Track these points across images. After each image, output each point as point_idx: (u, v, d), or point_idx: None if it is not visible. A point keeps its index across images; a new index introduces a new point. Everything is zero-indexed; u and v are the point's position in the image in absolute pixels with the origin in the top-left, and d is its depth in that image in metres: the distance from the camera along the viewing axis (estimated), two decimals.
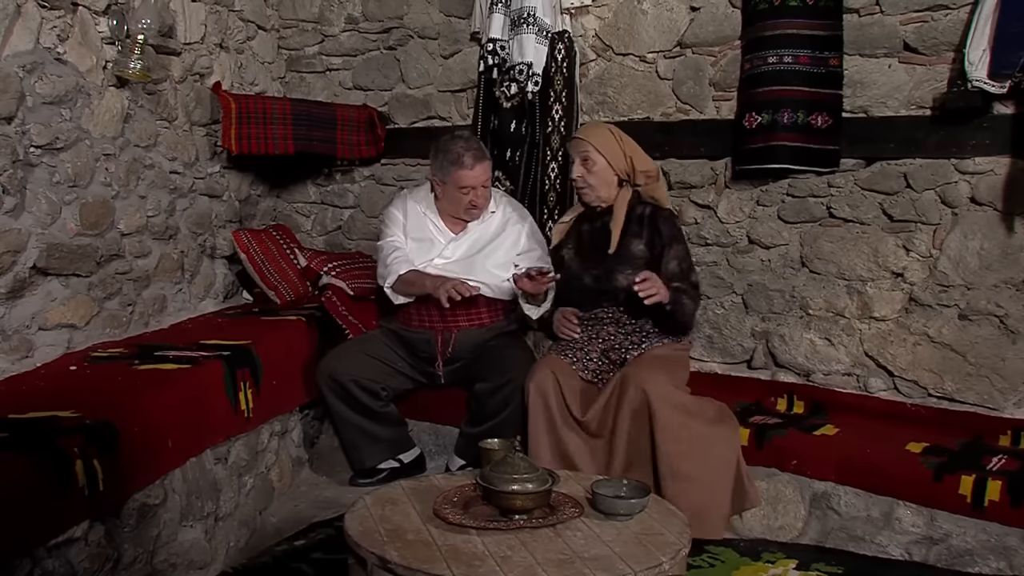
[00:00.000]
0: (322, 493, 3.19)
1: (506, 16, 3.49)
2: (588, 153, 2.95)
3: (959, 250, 2.93)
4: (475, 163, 3.08)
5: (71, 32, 2.79)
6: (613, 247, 2.94)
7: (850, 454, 2.69)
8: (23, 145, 2.62)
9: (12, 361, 2.64)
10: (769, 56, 3.07)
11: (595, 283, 2.97)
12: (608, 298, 2.96)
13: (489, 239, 3.21)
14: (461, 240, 3.20)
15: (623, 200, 2.98)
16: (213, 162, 3.62)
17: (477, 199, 3.13)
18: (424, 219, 3.24)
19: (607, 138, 2.97)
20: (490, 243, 3.20)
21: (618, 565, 1.78)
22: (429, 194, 3.28)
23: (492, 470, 2.03)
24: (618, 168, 2.96)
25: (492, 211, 3.24)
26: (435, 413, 3.34)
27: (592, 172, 2.96)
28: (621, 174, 2.97)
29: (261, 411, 2.98)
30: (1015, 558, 2.42)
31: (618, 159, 2.95)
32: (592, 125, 3.12)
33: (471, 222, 3.21)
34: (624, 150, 2.96)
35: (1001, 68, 2.66)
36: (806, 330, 3.19)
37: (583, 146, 2.97)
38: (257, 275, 3.54)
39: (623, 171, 2.96)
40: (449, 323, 3.14)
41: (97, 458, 2.12)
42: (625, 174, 2.97)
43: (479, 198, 3.14)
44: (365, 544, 1.87)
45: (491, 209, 3.24)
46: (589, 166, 2.96)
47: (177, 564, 2.47)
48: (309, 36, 4.08)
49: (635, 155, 2.97)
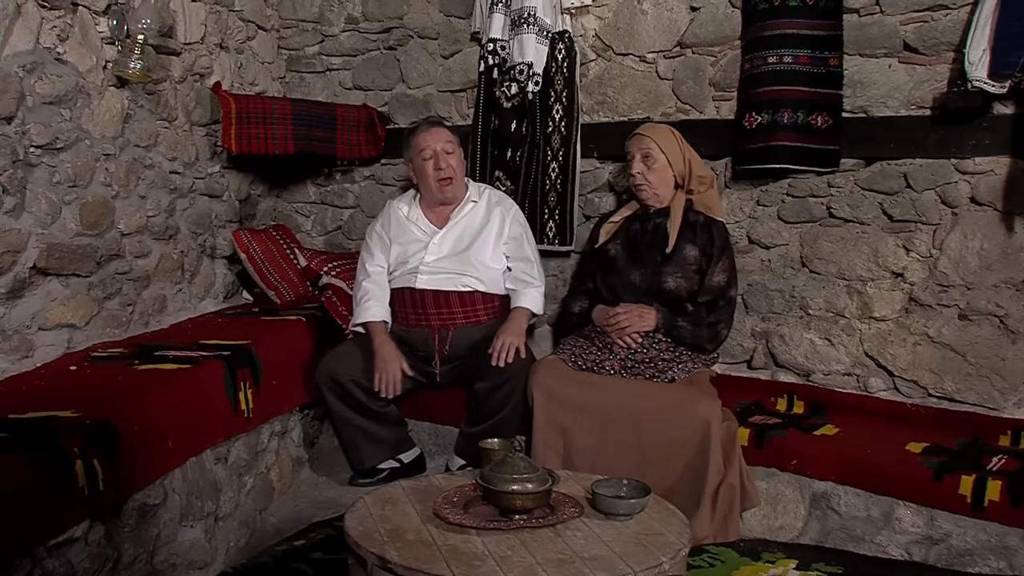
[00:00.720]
0: (322, 493, 3.19)
1: (506, 16, 3.49)
2: (650, 150, 2.96)
3: (959, 250, 2.93)
4: (430, 127, 3.19)
5: (71, 32, 2.79)
6: (671, 247, 2.93)
7: (850, 454, 2.69)
8: (23, 145, 2.62)
9: (12, 361, 2.65)
10: (769, 56, 3.07)
11: (642, 281, 2.96)
12: (652, 298, 2.94)
13: (476, 231, 3.21)
14: (447, 234, 3.20)
15: (680, 202, 2.98)
16: (213, 162, 3.62)
17: (440, 164, 3.14)
18: (407, 223, 3.25)
19: (669, 138, 2.98)
20: (478, 235, 3.20)
21: (618, 565, 1.78)
22: (413, 196, 3.32)
23: (492, 470, 2.03)
24: (677, 169, 2.97)
25: (474, 201, 3.26)
26: (435, 413, 3.34)
27: (652, 169, 2.96)
28: (679, 176, 2.98)
29: (261, 411, 2.98)
30: (1015, 558, 2.42)
31: (678, 160, 2.96)
32: (654, 124, 3.11)
33: (452, 207, 3.22)
34: (684, 152, 2.97)
35: (1001, 68, 2.66)
36: (806, 330, 3.19)
37: (645, 143, 2.97)
38: (257, 275, 3.54)
39: (681, 173, 2.97)
40: (446, 321, 3.14)
41: (97, 458, 2.12)
42: (682, 177, 2.97)
43: (442, 163, 3.14)
44: (365, 544, 1.87)
45: (472, 199, 3.26)
46: (650, 163, 2.96)
47: (177, 564, 2.47)
48: (309, 36, 4.08)
49: (693, 159, 2.99)
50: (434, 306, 3.12)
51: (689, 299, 2.93)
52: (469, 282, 3.15)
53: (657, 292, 2.93)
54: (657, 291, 2.93)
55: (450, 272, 3.14)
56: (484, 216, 3.24)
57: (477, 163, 3.66)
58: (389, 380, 3.05)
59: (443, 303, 3.14)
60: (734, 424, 2.79)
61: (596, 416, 2.77)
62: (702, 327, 2.90)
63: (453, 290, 3.14)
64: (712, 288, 2.91)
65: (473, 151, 3.66)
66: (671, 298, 2.92)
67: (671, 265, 2.92)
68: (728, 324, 2.97)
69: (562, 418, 2.81)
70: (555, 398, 2.82)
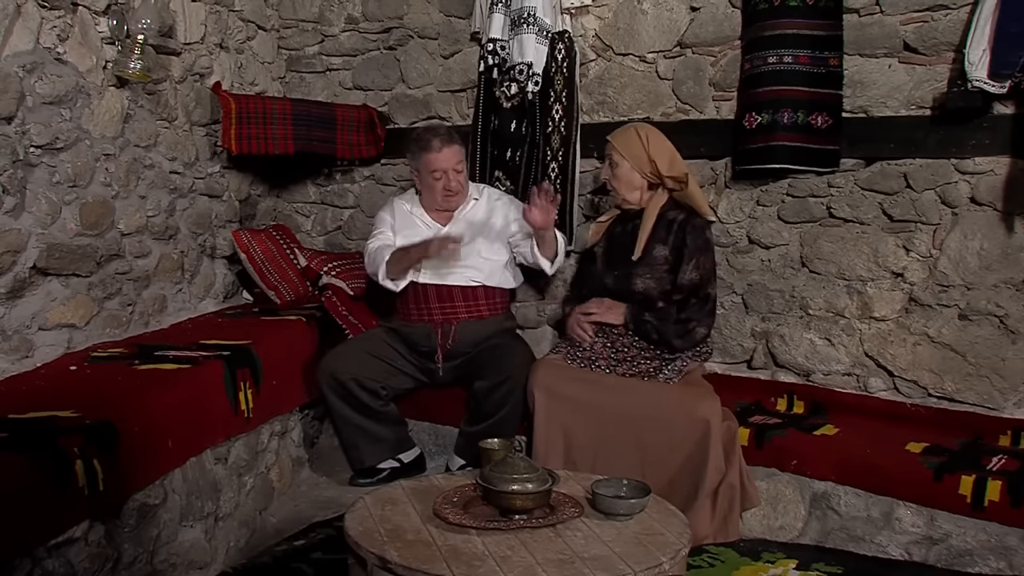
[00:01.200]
0: (322, 493, 3.19)
1: (506, 16, 3.49)
2: (611, 156, 2.99)
3: (959, 250, 2.93)
4: (443, 146, 3.14)
5: (71, 32, 2.79)
6: (637, 253, 2.94)
7: (850, 454, 2.69)
8: (23, 145, 2.62)
9: (12, 361, 2.64)
10: (769, 56, 3.07)
11: (615, 283, 2.98)
12: (623, 299, 2.95)
13: (479, 226, 3.23)
14: (450, 230, 3.20)
15: (655, 205, 2.97)
16: (213, 162, 3.62)
17: (450, 184, 3.17)
18: (411, 216, 3.29)
19: (631, 140, 2.97)
20: (481, 230, 3.23)
21: (618, 565, 1.78)
22: (415, 195, 3.34)
23: (492, 470, 2.03)
24: (641, 171, 2.95)
25: (475, 198, 3.29)
26: (435, 413, 3.35)
27: (615, 175, 2.99)
28: (647, 177, 2.97)
29: (261, 411, 2.98)
30: (1015, 558, 2.42)
31: (641, 162, 2.94)
32: (624, 128, 3.08)
33: (456, 211, 3.24)
34: (648, 153, 2.93)
35: (1001, 68, 2.66)
36: (806, 330, 3.19)
37: (608, 148, 3.01)
38: (257, 275, 3.54)
39: (648, 174, 2.95)
40: (448, 315, 3.15)
41: (97, 458, 2.12)
42: (654, 176, 2.96)
43: (451, 182, 3.17)
44: (365, 544, 1.87)
45: (474, 196, 3.29)
46: (614, 168, 2.99)
47: (177, 564, 2.47)
48: (309, 36, 4.08)
49: (659, 159, 2.93)
50: (436, 300, 3.13)
51: (662, 299, 2.93)
52: (472, 275, 3.17)
53: (628, 294, 2.95)
54: (627, 293, 2.95)
55: (451, 269, 3.15)
56: (486, 212, 3.26)
57: (477, 163, 3.66)
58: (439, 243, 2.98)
59: (446, 297, 3.15)
60: (734, 424, 2.80)
61: (596, 415, 2.78)
62: (668, 323, 2.86)
63: (456, 284, 3.16)
64: (684, 286, 2.90)
65: (473, 151, 3.66)
66: (641, 299, 2.93)
67: (641, 267, 2.93)
68: (704, 322, 2.90)
69: (563, 417, 2.82)
70: (556, 397, 2.83)
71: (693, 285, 2.90)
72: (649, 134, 2.99)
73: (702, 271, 2.91)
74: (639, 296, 2.92)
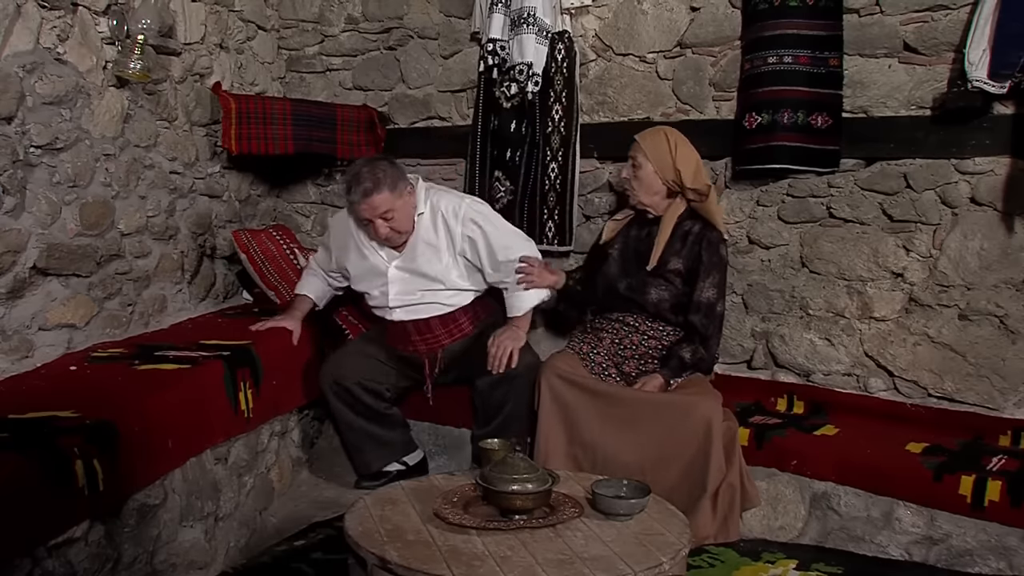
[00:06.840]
0: (322, 493, 3.19)
1: (506, 16, 3.49)
2: (636, 156, 2.95)
3: (959, 250, 2.93)
4: (363, 199, 2.84)
5: (71, 32, 2.78)
6: (652, 263, 2.92)
7: (850, 454, 2.69)
8: (23, 145, 2.62)
9: (12, 361, 2.64)
10: (769, 56, 3.07)
11: (628, 291, 2.96)
12: (638, 309, 2.95)
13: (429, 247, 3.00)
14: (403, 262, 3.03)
15: (673, 214, 2.94)
16: (213, 162, 3.62)
17: (378, 232, 2.92)
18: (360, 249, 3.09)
19: (659, 144, 2.93)
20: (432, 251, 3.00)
21: (618, 565, 1.78)
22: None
23: (492, 470, 2.03)
24: (665, 177, 2.92)
25: (420, 212, 2.99)
26: (436, 414, 3.34)
27: (637, 176, 2.95)
28: (669, 184, 2.93)
29: (261, 411, 2.98)
30: (1015, 558, 2.43)
31: (666, 168, 2.90)
32: (653, 129, 3.04)
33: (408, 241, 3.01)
34: (674, 161, 2.89)
35: (1001, 68, 2.66)
36: (806, 330, 3.19)
37: (634, 148, 2.97)
38: (257, 275, 3.54)
39: (671, 181, 2.92)
40: (432, 345, 3.10)
41: (97, 458, 2.12)
42: (676, 185, 2.92)
43: (380, 230, 2.91)
44: (365, 544, 1.87)
45: (419, 211, 2.99)
46: (636, 169, 2.95)
47: (177, 564, 2.47)
48: (309, 36, 4.08)
49: (684, 168, 2.88)
50: (417, 333, 3.07)
51: (672, 310, 2.92)
52: (442, 301, 3.04)
53: (640, 305, 2.94)
54: (640, 304, 2.94)
55: (420, 301, 3.04)
56: (431, 228, 3.00)
57: (477, 163, 3.66)
58: (269, 326, 3.16)
59: (425, 329, 3.08)
60: (734, 424, 2.80)
61: (598, 415, 2.78)
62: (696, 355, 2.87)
63: (431, 316, 3.06)
64: (701, 304, 2.87)
65: (473, 151, 3.66)
66: (654, 311, 2.92)
67: (656, 277, 2.92)
68: (718, 337, 2.97)
69: (566, 416, 2.81)
70: (559, 396, 2.83)
71: (710, 303, 2.88)
72: (678, 141, 2.94)
73: (718, 288, 2.90)
74: (651, 308, 2.92)
